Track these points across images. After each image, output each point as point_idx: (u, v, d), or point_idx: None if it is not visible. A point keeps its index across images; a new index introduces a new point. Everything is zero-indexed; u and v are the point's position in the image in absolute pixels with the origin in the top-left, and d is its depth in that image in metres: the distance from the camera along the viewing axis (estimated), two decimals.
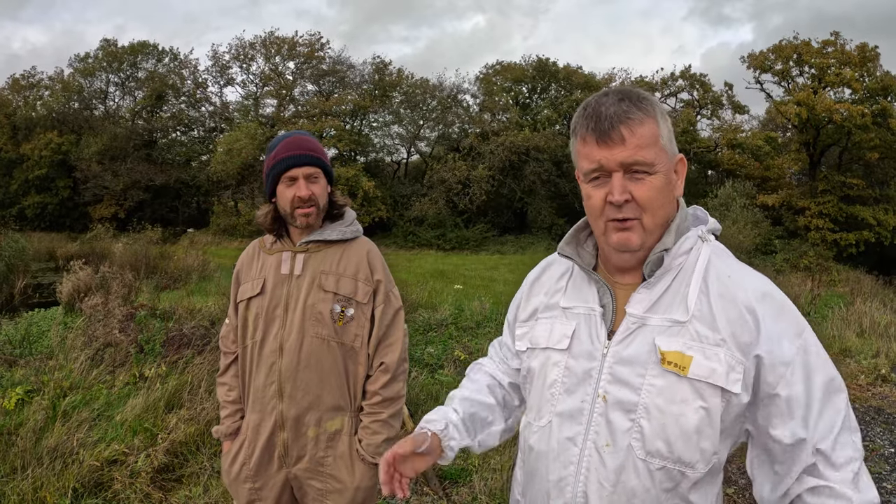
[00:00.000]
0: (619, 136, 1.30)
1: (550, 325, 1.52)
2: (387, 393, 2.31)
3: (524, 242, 34.61)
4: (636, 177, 1.32)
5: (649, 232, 1.35)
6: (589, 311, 1.46)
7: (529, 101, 41.32)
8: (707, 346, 1.30)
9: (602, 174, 1.34)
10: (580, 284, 1.52)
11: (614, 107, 1.31)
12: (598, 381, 1.38)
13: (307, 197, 2.24)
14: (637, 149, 1.30)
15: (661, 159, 1.33)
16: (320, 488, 2.28)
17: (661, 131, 1.34)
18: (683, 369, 1.29)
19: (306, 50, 39.33)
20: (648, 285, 1.38)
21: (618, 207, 1.32)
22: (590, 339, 1.42)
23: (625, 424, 1.33)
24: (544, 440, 1.46)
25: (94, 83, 41.36)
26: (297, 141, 2.29)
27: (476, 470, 4.36)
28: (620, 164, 1.31)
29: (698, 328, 1.31)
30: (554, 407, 1.44)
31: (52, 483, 3.75)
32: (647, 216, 1.33)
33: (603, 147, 1.32)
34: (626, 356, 1.36)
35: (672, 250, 1.37)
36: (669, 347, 1.31)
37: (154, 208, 38.25)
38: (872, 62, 31.13)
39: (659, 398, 1.31)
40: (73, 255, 17.22)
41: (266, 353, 2.27)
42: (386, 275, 2.40)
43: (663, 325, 1.34)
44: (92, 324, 7.46)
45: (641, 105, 1.33)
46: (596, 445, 1.36)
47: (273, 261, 2.34)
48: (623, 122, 1.30)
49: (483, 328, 9.75)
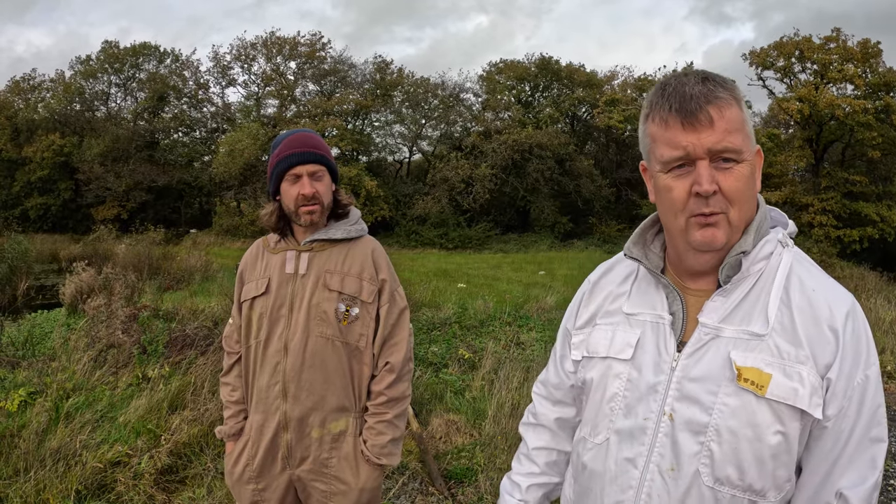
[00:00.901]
0: (708, 118, 1.15)
1: (612, 332, 1.39)
2: (392, 393, 2.28)
3: (527, 241, 34.59)
4: (723, 166, 1.17)
5: (735, 229, 1.21)
6: (657, 319, 1.33)
7: (532, 99, 41.33)
8: (788, 363, 1.17)
9: (686, 162, 1.19)
10: (646, 289, 1.38)
11: (699, 86, 1.17)
12: (664, 398, 1.25)
13: (311, 194, 2.22)
14: (726, 133, 1.16)
15: (748, 147, 1.20)
16: (325, 490, 2.25)
17: (746, 117, 1.21)
18: (761, 388, 1.16)
19: (307, 50, 39.38)
20: (724, 292, 1.25)
21: (704, 200, 1.17)
22: (657, 350, 1.29)
23: (693, 447, 1.21)
24: (600, 459, 1.35)
25: (96, 85, 41.47)
26: (301, 138, 2.27)
27: (482, 469, 4.33)
28: (708, 150, 1.16)
29: (779, 343, 1.18)
30: (612, 423, 1.33)
31: (55, 485, 3.73)
32: (735, 210, 1.19)
33: (689, 130, 1.17)
34: (698, 371, 1.23)
35: (751, 254, 1.24)
36: (746, 363, 1.18)
37: (157, 209, 38.33)
38: (875, 58, 31.02)
39: (732, 420, 1.18)
40: (75, 256, 17.24)
41: (270, 352, 2.24)
42: (391, 274, 2.37)
43: (739, 338, 1.21)
44: (95, 325, 7.45)
45: (727, 86, 1.19)
46: (659, 469, 1.24)
47: (277, 260, 2.31)
48: (711, 103, 1.16)
49: (487, 326, 9.73)
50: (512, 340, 8.57)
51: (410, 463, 4.43)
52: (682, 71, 1.25)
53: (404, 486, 4.19)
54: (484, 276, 19.44)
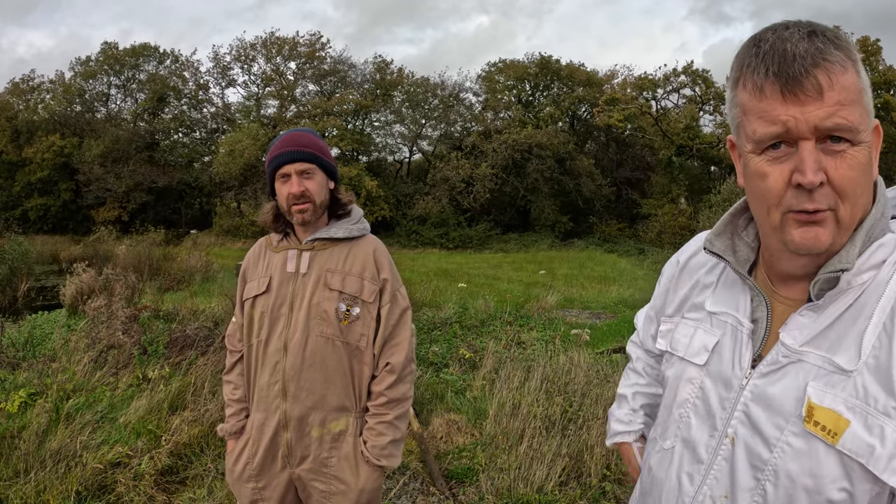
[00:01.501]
0: (816, 86, 0.89)
1: (693, 330, 1.23)
2: (392, 394, 2.26)
3: (528, 240, 34.59)
4: (833, 148, 0.92)
5: (845, 228, 0.96)
6: (736, 324, 1.14)
7: (532, 99, 41.34)
8: (872, 411, 0.93)
9: (786, 141, 0.94)
10: (732, 285, 1.19)
11: (804, 43, 0.91)
12: (729, 417, 1.09)
13: (299, 193, 2.20)
14: (839, 106, 0.89)
15: (866, 124, 0.93)
16: (324, 490, 2.24)
17: (864, 84, 0.93)
18: (834, 436, 0.95)
19: (307, 50, 39.41)
20: (816, 308, 1.02)
21: (808, 193, 0.93)
22: (731, 361, 1.12)
23: (748, 482, 1.04)
24: (664, 467, 1.22)
25: (96, 86, 41.50)
26: (293, 137, 2.26)
27: (483, 469, 4.32)
28: (815, 127, 0.91)
29: (867, 383, 0.94)
30: (680, 431, 1.19)
31: (55, 486, 3.73)
32: (846, 206, 0.94)
33: (791, 101, 0.91)
34: (768, 397, 1.04)
35: (857, 264, 0.98)
36: (823, 402, 0.97)
37: (157, 210, 38.38)
38: (875, 56, 31.04)
39: (793, 463, 0.99)
40: (76, 257, 17.26)
41: (270, 351, 2.24)
42: (393, 273, 2.36)
43: (823, 367, 0.99)
44: (95, 326, 7.45)
45: (840, 44, 0.91)
46: (712, 493, 1.10)
47: (279, 259, 2.31)
48: (819, 66, 0.90)
49: (487, 326, 9.73)
50: (513, 340, 8.57)
51: (411, 463, 4.42)
52: (783, 22, 0.97)
53: (405, 486, 4.18)
54: (484, 275, 19.45)
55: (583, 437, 4.51)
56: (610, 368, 6.65)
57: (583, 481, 4.14)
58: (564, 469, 4.20)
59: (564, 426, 4.84)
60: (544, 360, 6.59)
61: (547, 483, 4.02)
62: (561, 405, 5.21)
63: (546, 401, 5.33)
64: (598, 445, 4.36)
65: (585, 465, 4.25)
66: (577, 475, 4.22)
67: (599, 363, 6.88)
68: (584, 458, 4.31)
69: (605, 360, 7.48)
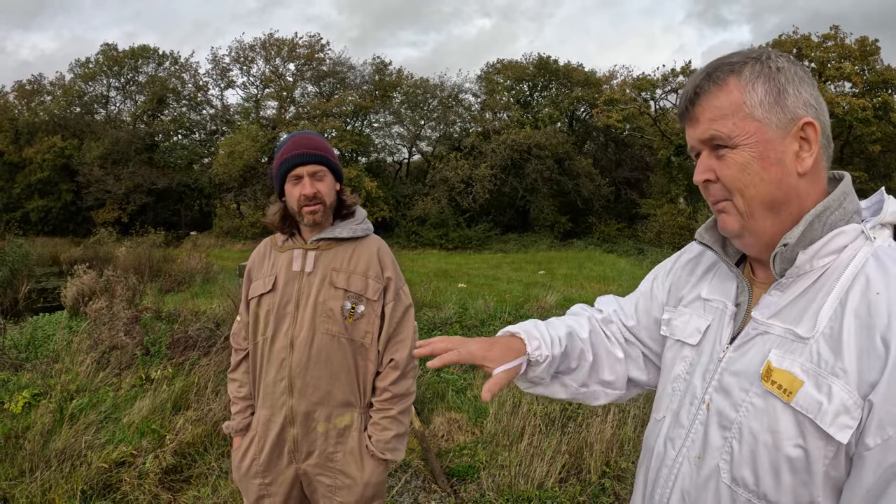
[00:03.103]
0: (693, 115, 1.19)
1: (689, 317, 1.38)
2: (396, 389, 2.31)
3: (527, 241, 34.58)
4: (717, 154, 1.17)
5: (746, 215, 1.17)
6: (723, 307, 1.31)
7: (530, 99, 41.32)
8: (823, 373, 1.05)
9: (696, 154, 1.22)
10: (724, 276, 1.36)
11: (691, 85, 1.20)
12: (707, 386, 1.24)
13: (311, 195, 2.25)
14: (710, 122, 1.16)
15: (745, 129, 1.13)
16: (330, 484, 2.29)
17: (747, 97, 1.13)
18: (789, 395, 1.08)
19: (306, 51, 39.39)
20: (781, 286, 1.18)
21: (706, 189, 1.21)
22: (715, 339, 1.28)
23: (718, 441, 1.18)
24: (654, 436, 1.37)
25: (96, 88, 41.49)
26: (302, 140, 2.30)
27: (484, 467, 4.36)
28: (699, 140, 1.19)
29: (821, 350, 1.07)
30: (672, 403, 1.33)
31: (60, 486, 3.76)
32: (736, 197, 1.16)
33: (687, 126, 1.22)
34: (738, 365, 1.19)
35: (814, 246, 1.13)
36: (782, 365, 1.11)
37: (157, 212, 38.37)
38: (873, 56, 31.06)
39: (755, 421, 1.12)
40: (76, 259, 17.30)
41: (277, 349, 2.28)
42: (396, 272, 2.41)
43: (785, 337, 1.13)
44: (97, 327, 7.47)
45: (716, 75, 1.17)
46: (688, 455, 1.24)
47: (285, 258, 2.35)
48: (697, 97, 1.18)
49: (487, 326, 9.75)
50: None
51: (413, 461, 4.46)
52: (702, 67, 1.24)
53: (407, 484, 4.22)
54: (484, 275, 19.46)
55: (582, 435, 4.55)
56: None
57: (582, 478, 4.18)
58: (564, 466, 4.24)
59: (564, 423, 4.88)
60: None
61: (547, 479, 4.06)
62: (560, 403, 5.24)
63: (546, 399, 5.37)
64: (597, 442, 4.40)
65: (585, 462, 4.29)
66: (576, 472, 4.26)
67: None
68: (583, 455, 4.35)
69: None
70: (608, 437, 4.46)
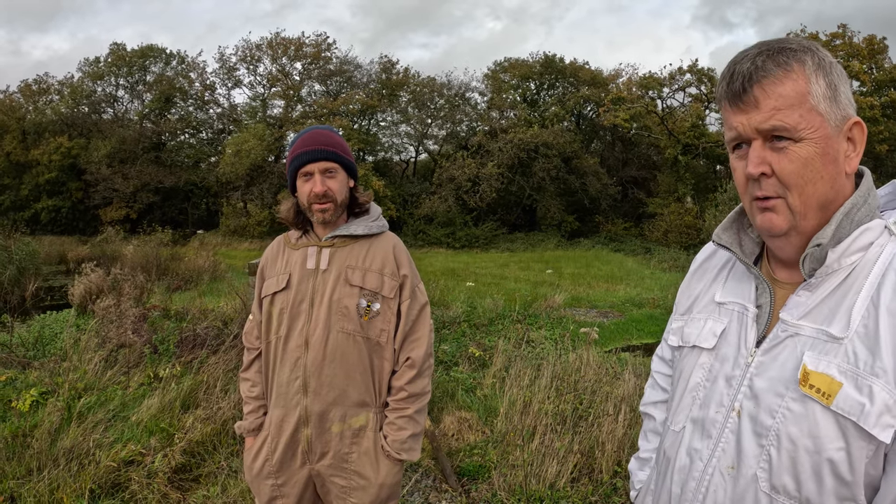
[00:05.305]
0: (753, 99, 1.10)
1: (703, 322, 1.34)
2: (412, 389, 2.27)
3: (534, 240, 34.56)
4: (776, 146, 1.09)
5: (799, 214, 1.11)
6: (742, 310, 1.26)
7: (537, 98, 41.25)
8: (862, 373, 1.03)
9: (744, 142, 1.14)
10: (740, 277, 1.31)
11: (747, 63, 1.11)
12: (736, 393, 1.19)
13: (322, 192, 2.21)
14: (774, 111, 1.07)
15: (811, 123, 1.08)
16: (344, 485, 2.25)
17: (812, 88, 1.08)
18: (828, 398, 1.04)
19: (313, 50, 39.41)
20: (810, 287, 1.14)
21: (757, 182, 1.12)
22: (737, 343, 1.23)
23: (754, 449, 1.13)
24: (674, 447, 1.31)
25: (104, 87, 41.61)
26: (314, 136, 2.26)
27: (494, 466, 4.32)
28: (756, 129, 1.10)
29: (857, 349, 1.04)
30: (691, 413, 1.28)
31: (68, 484, 3.74)
32: (793, 195, 1.10)
33: (738, 111, 1.12)
34: (770, 369, 1.14)
35: (842, 245, 1.11)
36: (818, 367, 1.07)
37: (164, 210, 38.49)
38: (881, 54, 30.92)
39: (794, 427, 1.08)
40: (84, 257, 17.34)
41: (291, 347, 2.24)
42: (412, 270, 2.36)
43: (818, 338, 1.10)
44: (105, 325, 7.47)
45: (780, 58, 1.09)
46: (719, 466, 1.19)
47: (299, 256, 2.31)
48: (758, 81, 1.09)
49: (496, 325, 9.73)
50: (522, 338, 8.56)
51: (423, 460, 4.42)
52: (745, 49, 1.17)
53: (417, 483, 4.19)
54: (492, 274, 19.44)
55: (594, 434, 4.51)
56: (619, 367, 6.64)
57: (594, 477, 4.13)
58: (576, 465, 4.20)
59: (575, 423, 4.84)
60: (554, 358, 6.58)
61: (559, 479, 4.01)
62: (571, 402, 5.20)
63: (556, 398, 5.33)
64: (609, 442, 4.35)
65: (597, 462, 4.25)
66: (588, 471, 4.21)
67: (608, 361, 6.88)
68: (595, 455, 4.30)
69: (614, 358, 7.48)
70: (620, 437, 4.41)
